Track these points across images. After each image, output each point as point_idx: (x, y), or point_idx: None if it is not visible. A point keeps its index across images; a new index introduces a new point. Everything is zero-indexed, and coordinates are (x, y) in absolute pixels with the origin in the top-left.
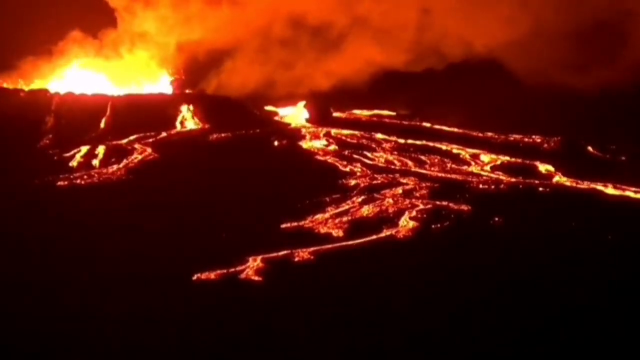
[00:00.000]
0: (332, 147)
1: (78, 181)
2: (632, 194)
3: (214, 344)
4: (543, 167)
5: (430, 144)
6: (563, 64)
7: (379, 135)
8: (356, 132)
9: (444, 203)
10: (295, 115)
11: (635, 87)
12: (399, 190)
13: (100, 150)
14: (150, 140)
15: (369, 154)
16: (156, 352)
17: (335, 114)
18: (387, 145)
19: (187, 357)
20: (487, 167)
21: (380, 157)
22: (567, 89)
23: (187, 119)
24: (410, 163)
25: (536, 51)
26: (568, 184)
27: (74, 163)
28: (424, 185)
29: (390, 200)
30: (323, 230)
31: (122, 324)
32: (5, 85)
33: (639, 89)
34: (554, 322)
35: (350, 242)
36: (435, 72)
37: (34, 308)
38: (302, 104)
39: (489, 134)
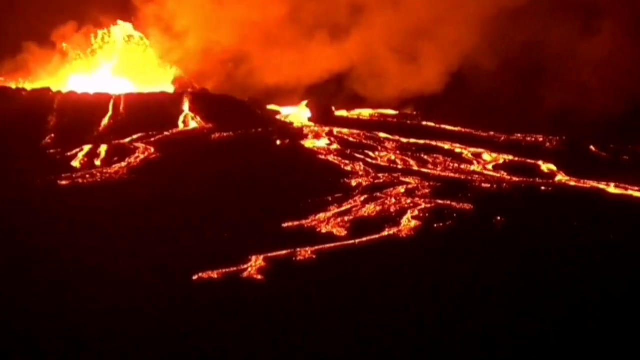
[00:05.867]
0: (335, 146)
1: (80, 180)
2: (634, 193)
3: (216, 343)
4: (545, 166)
5: (433, 143)
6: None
7: (382, 135)
8: (358, 132)
9: (447, 202)
10: (297, 114)
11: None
12: (402, 189)
13: (103, 149)
14: (153, 139)
15: (371, 153)
16: (158, 352)
17: (338, 113)
18: (389, 145)
19: (188, 357)
20: (490, 166)
21: (382, 157)
22: (568, 88)
23: (190, 118)
24: (412, 162)
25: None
26: (570, 183)
27: (76, 162)
28: (426, 184)
29: (393, 200)
30: (325, 229)
31: (124, 323)
32: (7, 83)
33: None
34: (556, 321)
35: (352, 242)
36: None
37: (36, 307)
38: (304, 103)
39: (492, 133)
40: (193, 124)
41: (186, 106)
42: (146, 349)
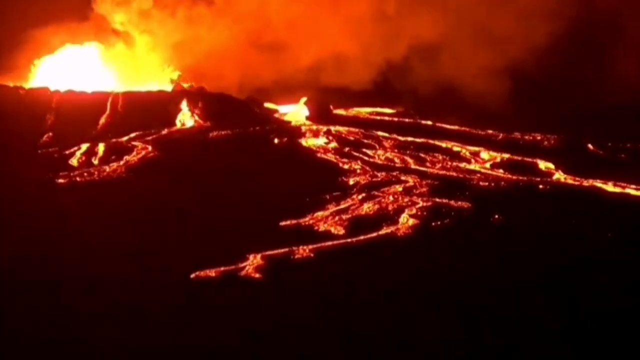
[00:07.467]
0: (332, 144)
1: (78, 179)
2: (632, 192)
3: (215, 342)
4: (543, 165)
5: (431, 141)
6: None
7: (380, 133)
8: (356, 130)
9: (444, 201)
10: (295, 112)
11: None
12: (399, 187)
13: (100, 148)
14: (150, 138)
15: (369, 152)
16: (156, 351)
17: (336, 112)
18: (387, 143)
19: (187, 356)
20: (488, 165)
21: (380, 155)
22: (567, 86)
23: (187, 117)
24: (410, 161)
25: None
26: (568, 181)
27: (74, 161)
28: (424, 182)
29: (391, 198)
30: (323, 227)
31: (122, 322)
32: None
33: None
34: (555, 320)
35: (350, 240)
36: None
37: (33, 306)
38: (302, 101)
39: (490, 131)
40: (190, 123)
41: (184, 104)
42: (144, 348)
